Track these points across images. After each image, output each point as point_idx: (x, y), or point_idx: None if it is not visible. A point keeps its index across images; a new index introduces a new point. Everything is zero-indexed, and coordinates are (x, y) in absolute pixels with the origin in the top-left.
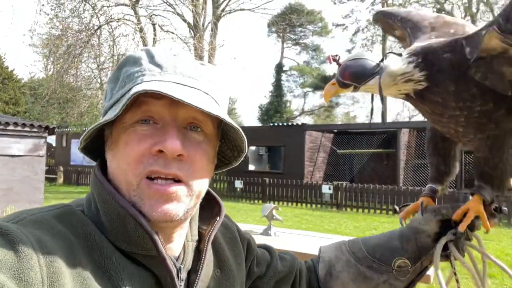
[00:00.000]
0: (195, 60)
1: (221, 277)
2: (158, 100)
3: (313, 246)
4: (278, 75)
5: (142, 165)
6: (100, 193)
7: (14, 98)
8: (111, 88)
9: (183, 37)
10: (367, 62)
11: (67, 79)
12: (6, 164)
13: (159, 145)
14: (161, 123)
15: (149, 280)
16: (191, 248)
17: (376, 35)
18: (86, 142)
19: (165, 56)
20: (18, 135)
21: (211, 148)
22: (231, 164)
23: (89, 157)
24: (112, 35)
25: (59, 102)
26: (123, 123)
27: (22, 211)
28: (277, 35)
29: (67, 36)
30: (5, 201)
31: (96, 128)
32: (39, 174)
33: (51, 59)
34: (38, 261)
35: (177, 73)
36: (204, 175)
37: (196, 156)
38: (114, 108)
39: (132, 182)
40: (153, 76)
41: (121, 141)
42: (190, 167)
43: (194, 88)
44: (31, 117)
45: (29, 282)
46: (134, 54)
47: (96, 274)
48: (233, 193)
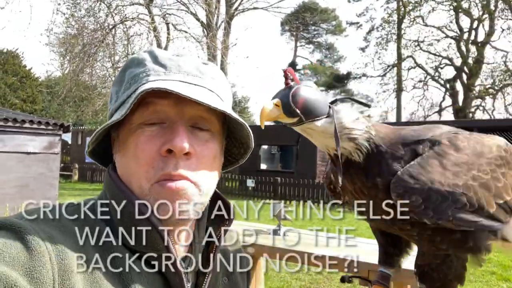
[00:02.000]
0: (197, 59)
1: (228, 285)
2: (164, 100)
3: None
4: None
5: (153, 169)
6: (113, 193)
7: (31, 96)
8: (116, 90)
9: (196, 36)
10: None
11: (82, 77)
12: (22, 161)
13: (168, 144)
14: (168, 122)
15: (158, 280)
16: (198, 249)
17: (391, 33)
18: (94, 146)
19: (168, 56)
20: (34, 133)
21: (217, 146)
22: (237, 162)
23: (96, 161)
24: (127, 34)
25: (75, 100)
26: (131, 124)
27: (33, 209)
28: (290, 33)
29: (82, 36)
30: (20, 198)
31: (103, 130)
32: (53, 171)
33: (67, 57)
34: (50, 258)
35: (181, 72)
36: (212, 173)
37: (202, 154)
38: (121, 109)
39: (144, 187)
40: (158, 76)
41: (130, 143)
42: (197, 166)
43: (198, 86)
44: (48, 115)
45: (40, 279)
46: (138, 56)
47: (106, 273)
48: (245, 192)
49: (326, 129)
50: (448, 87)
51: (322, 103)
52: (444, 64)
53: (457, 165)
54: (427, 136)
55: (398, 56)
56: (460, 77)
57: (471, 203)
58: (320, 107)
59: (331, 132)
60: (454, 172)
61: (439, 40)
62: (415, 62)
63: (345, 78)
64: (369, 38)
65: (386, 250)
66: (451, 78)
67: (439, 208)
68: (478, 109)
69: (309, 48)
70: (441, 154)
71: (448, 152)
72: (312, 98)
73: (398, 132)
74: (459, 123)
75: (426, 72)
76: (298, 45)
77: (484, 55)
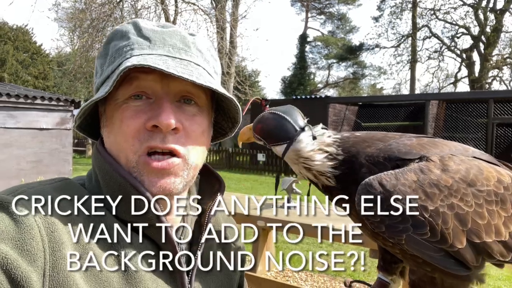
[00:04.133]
0: (183, 30)
1: (222, 258)
2: (149, 75)
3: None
4: (302, 46)
5: (139, 142)
6: (101, 166)
7: (43, 73)
8: (101, 64)
9: (205, 8)
10: (286, 124)
11: (92, 53)
12: (35, 137)
13: (153, 120)
14: (154, 98)
15: (151, 249)
16: (190, 220)
17: (406, 2)
18: (81, 120)
19: (153, 28)
20: (45, 109)
21: (205, 120)
22: (227, 135)
23: (85, 135)
24: (135, 7)
25: (86, 76)
26: (116, 99)
27: (21, 185)
28: (301, 4)
29: (90, 10)
30: (35, 173)
31: (90, 105)
32: (67, 147)
33: (76, 33)
34: (39, 231)
35: (166, 45)
36: (200, 147)
37: (191, 128)
38: (105, 84)
39: (131, 159)
40: (142, 49)
41: (116, 118)
42: (186, 140)
43: (184, 60)
44: (60, 91)
45: (31, 251)
46: (121, 28)
47: (98, 244)
48: (256, 166)
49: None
50: (464, 57)
51: (284, 129)
52: (461, 33)
53: (436, 186)
54: (419, 154)
55: (413, 25)
56: (477, 46)
57: (434, 233)
58: (281, 133)
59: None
60: (430, 192)
61: (456, 8)
62: (431, 32)
63: (357, 49)
64: (383, 7)
65: (383, 256)
66: (467, 48)
67: (395, 227)
68: (495, 80)
69: (320, 19)
70: (423, 170)
71: (432, 171)
72: (270, 125)
73: (384, 147)
74: (475, 94)
75: (442, 42)
76: (309, 16)
77: (502, 23)
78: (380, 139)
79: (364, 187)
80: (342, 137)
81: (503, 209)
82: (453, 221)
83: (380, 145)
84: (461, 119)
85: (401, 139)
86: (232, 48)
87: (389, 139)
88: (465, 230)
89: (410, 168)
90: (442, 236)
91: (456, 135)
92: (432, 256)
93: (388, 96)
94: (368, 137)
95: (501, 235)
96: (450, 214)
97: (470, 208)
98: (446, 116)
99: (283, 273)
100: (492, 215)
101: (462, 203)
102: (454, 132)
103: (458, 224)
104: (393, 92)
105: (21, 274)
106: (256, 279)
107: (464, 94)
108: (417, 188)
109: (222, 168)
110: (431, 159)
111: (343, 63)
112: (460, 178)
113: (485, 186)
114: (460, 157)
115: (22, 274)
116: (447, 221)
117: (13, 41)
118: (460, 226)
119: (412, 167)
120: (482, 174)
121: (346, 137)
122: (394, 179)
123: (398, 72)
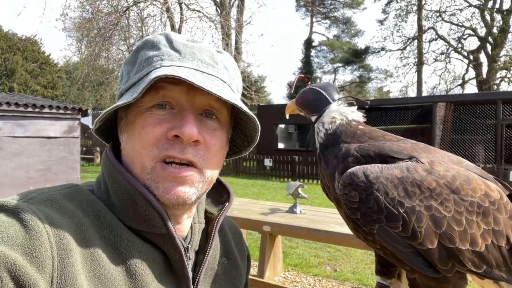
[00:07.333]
0: (212, 47)
1: (227, 265)
2: (176, 86)
3: (338, 225)
4: (307, 51)
5: (157, 149)
6: (111, 173)
7: (51, 82)
8: (128, 70)
9: (210, 15)
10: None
11: (99, 61)
12: (44, 145)
13: (176, 130)
14: (178, 109)
15: (158, 257)
16: (198, 230)
17: (411, 4)
18: (101, 123)
19: (184, 41)
20: (53, 118)
21: (224, 136)
22: (240, 153)
23: (101, 139)
24: (141, 16)
25: (93, 85)
26: (140, 106)
27: (31, 191)
28: (305, 9)
29: (97, 19)
30: (43, 181)
31: (112, 110)
32: (74, 155)
33: (84, 42)
34: (48, 238)
35: (196, 59)
36: (217, 162)
37: (211, 142)
38: (132, 91)
39: (147, 166)
40: (172, 61)
41: (137, 124)
42: (204, 153)
43: (212, 75)
44: (68, 100)
45: (39, 258)
46: (153, 38)
47: (106, 251)
48: (263, 171)
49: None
50: (471, 59)
51: (319, 101)
52: (467, 34)
53: (418, 186)
54: (410, 155)
55: (418, 28)
56: (484, 47)
57: (405, 228)
58: (315, 106)
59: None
60: (410, 191)
61: (462, 9)
62: (437, 34)
63: (363, 53)
64: (388, 10)
65: (379, 259)
66: (474, 49)
67: (369, 216)
68: (503, 81)
69: (325, 24)
70: (409, 169)
71: (418, 171)
72: (309, 97)
73: (378, 144)
74: (483, 95)
75: (448, 44)
76: (314, 20)
77: (510, 24)
78: (375, 138)
79: (349, 175)
80: (351, 121)
81: (484, 221)
82: (427, 221)
83: (375, 142)
84: (469, 121)
85: (397, 142)
86: (238, 54)
87: (387, 141)
88: (439, 233)
89: (397, 165)
90: (413, 233)
91: (464, 137)
92: (400, 250)
93: (395, 99)
94: (372, 135)
95: (476, 245)
96: (426, 215)
97: (448, 213)
98: (454, 118)
99: (291, 279)
100: (471, 225)
101: (441, 207)
102: (463, 134)
103: (432, 225)
104: (400, 95)
105: (30, 281)
106: (263, 284)
107: (472, 95)
108: (399, 185)
109: (229, 173)
110: (420, 161)
111: (349, 67)
112: (445, 183)
113: (469, 197)
114: (451, 165)
115: (30, 281)
116: (421, 219)
117: (22, 52)
118: (434, 228)
119: (399, 165)
120: (469, 184)
121: (356, 123)
122: (378, 172)
123: (405, 74)
